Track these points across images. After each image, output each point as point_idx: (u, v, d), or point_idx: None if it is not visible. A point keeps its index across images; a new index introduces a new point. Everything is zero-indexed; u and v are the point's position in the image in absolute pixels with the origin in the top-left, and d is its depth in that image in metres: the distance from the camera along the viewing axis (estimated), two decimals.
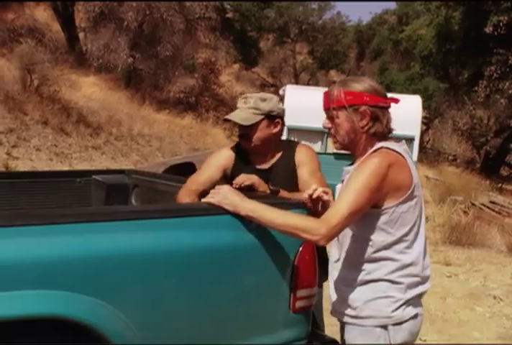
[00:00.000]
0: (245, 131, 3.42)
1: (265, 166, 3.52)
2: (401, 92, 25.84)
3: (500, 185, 22.07)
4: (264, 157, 3.53)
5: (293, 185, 3.44)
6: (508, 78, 21.57)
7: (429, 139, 33.43)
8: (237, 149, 3.59)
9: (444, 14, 24.48)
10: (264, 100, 3.41)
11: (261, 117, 3.38)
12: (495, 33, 20.47)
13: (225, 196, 2.65)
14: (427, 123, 31.75)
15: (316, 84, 37.60)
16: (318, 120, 11.42)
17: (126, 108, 19.75)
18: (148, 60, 22.53)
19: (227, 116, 3.44)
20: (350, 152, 2.69)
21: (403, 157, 2.61)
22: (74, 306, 2.20)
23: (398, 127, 10.51)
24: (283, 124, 3.52)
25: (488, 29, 20.56)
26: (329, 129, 2.65)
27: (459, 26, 23.85)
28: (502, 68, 21.52)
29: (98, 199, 4.31)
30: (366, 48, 43.09)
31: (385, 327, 2.50)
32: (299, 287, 2.84)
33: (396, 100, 2.71)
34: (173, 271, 2.52)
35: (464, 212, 13.83)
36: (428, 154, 29.91)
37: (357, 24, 44.46)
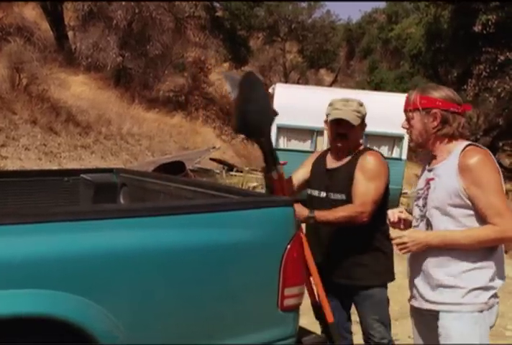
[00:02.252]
0: (345, 131, 3.60)
1: (334, 165, 3.72)
2: (391, 91, 25.90)
3: None
4: (339, 157, 3.73)
5: (349, 188, 3.59)
6: (497, 77, 21.65)
7: None
8: (326, 150, 3.90)
9: (433, 13, 24.53)
10: (361, 105, 3.65)
11: (360, 120, 3.61)
12: (484, 32, 20.54)
13: (413, 241, 2.86)
14: None
15: (306, 83, 37.61)
16: (307, 118, 11.49)
17: (115, 107, 19.70)
18: (137, 59, 22.46)
19: (338, 116, 3.57)
20: (425, 149, 3.02)
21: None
22: (61, 305, 2.19)
23: (388, 126, 10.61)
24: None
25: (477, 28, 20.62)
26: (407, 129, 3.00)
27: (448, 25, 23.91)
28: (491, 67, 21.60)
29: (86, 198, 4.29)
30: (356, 47, 43.12)
31: (480, 311, 2.80)
32: (287, 286, 2.84)
33: (468, 107, 3.00)
34: (161, 269, 2.52)
35: None
36: (418, 153, 29.93)
37: (346, 23, 44.46)
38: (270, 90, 13.86)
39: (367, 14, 44.58)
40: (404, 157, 12.93)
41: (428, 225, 2.90)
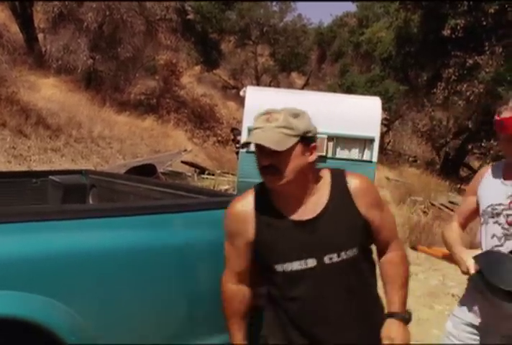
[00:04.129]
0: (272, 162, 2.36)
1: (309, 215, 2.44)
2: (362, 94, 26.01)
3: (459, 185, 22.37)
4: (299, 200, 2.46)
5: (360, 236, 2.51)
6: (466, 80, 21.89)
7: (390, 141, 33.76)
8: (257, 193, 2.54)
9: (403, 17, 24.73)
10: (296, 115, 2.44)
11: (295, 140, 2.38)
12: (453, 36, 20.77)
13: None
14: (387, 124, 32.05)
15: (278, 86, 37.66)
16: None
17: (86, 110, 19.54)
18: (108, 62, 22.32)
19: (251, 139, 2.39)
20: None
21: None
22: (26, 306, 2.17)
23: (359, 128, 10.68)
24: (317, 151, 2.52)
25: (446, 32, 20.84)
26: None
27: (417, 29, 24.12)
28: (460, 71, 21.83)
29: (54, 200, 4.26)
30: (327, 50, 43.29)
31: None
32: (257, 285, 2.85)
33: None
34: (126, 269, 2.51)
35: (424, 212, 14.01)
36: (389, 156, 30.18)
37: (318, 27, 44.68)
38: (241, 93, 13.87)
39: (338, 17, 44.79)
40: (375, 159, 13.00)
41: None
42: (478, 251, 2.87)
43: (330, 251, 2.41)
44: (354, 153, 13.03)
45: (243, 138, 12.87)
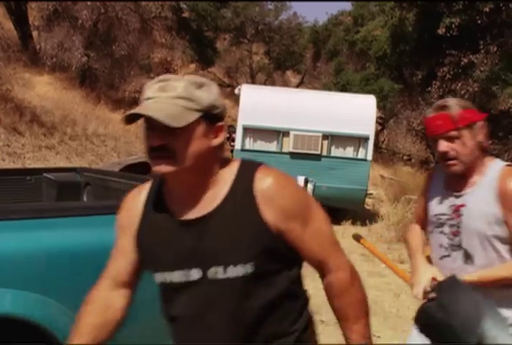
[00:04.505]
0: (165, 142, 1.78)
1: (196, 213, 1.86)
2: (357, 92, 26.02)
3: None
4: (193, 194, 1.88)
5: (256, 251, 1.83)
6: (461, 79, 21.90)
7: (384, 139, 33.78)
8: (154, 184, 2.01)
9: (398, 16, 24.72)
10: (201, 85, 1.85)
11: (197, 115, 1.80)
12: (448, 34, 20.77)
13: None
14: (382, 123, 32.07)
15: (273, 84, 37.67)
16: (273, 119, 11.51)
17: (80, 108, 19.51)
18: (103, 59, 22.27)
19: (139, 110, 1.78)
20: (464, 173, 2.71)
21: None
22: (21, 304, 2.16)
23: (354, 127, 10.70)
24: (225, 133, 1.95)
25: (441, 31, 20.84)
26: (446, 152, 2.66)
27: (412, 27, 24.13)
28: (454, 69, 21.84)
29: (49, 197, 4.25)
30: (322, 49, 43.27)
31: None
32: None
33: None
34: None
35: None
36: (384, 154, 30.21)
37: (313, 25, 44.63)
38: (236, 91, 13.88)
39: (334, 16, 44.80)
40: (369, 157, 13.02)
41: (468, 257, 2.69)
42: (436, 270, 2.69)
43: (216, 263, 1.82)
44: (349, 151, 13.05)
45: (238, 136, 12.88)
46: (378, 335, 5.96)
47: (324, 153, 12.92)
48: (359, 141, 12.95)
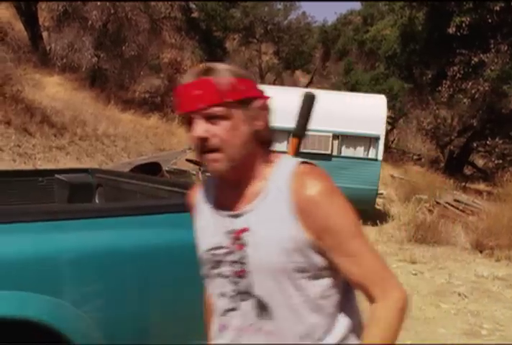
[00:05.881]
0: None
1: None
2: (366, 92, 25.97)
3: (463, 183, 22.33)
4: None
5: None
6: (471, 78, 21.83)
7: (394, 139, 33.71)
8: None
9: (408, 15, 24.66)
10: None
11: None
12: (458, 34, 20.70)
13: None
14: (392, 123, 32.00)
15: (282, 84, 37.64)
16: (283, 119, 11.49)
17: (90, 108, 19.56)
18: (113, 60, 22.33)
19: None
20: (238, 178, 1.76)
21: None
22: (34, 307, 2.15)
23: (364, 127, 10.66)
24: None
25: (451, 30, 20.78)
26: (205, 140, 1.68)
27: (422, 26, 24.06)
28: (465, 68, 21.77)
29: (61, 199, 4.24)
30: (331, 48, 43.23)
31: None
32: None
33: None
34: (136, 270, 2.49)
35: (429, 210, 13.97)
36: (394, 154, 30.14)
37: (322, 25, 44.60)
38: None
39: (343, 15, 44.77)
40: (380, 157, 12.97)
41: (262, 308, 1.75)
42: None
43: None
44: (360, 151, 13.01)
45: None
46: None
47: (335, 153, 12.88)
48: (370, 141, 12.91)
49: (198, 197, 1.91)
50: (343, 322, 1.79)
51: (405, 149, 33.16)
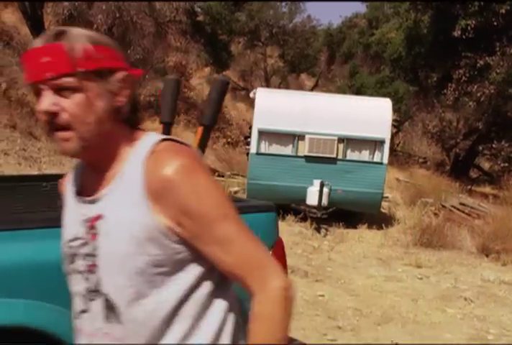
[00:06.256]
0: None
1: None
2: (372, 95, 25.96)
3: (469, 186, 22.28)
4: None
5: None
6: (477, 81, 21.77)
7: (400, 142, 33.66)
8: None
9: (413, 18, 24.62)
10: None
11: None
12: (463, 37, 20.66)
13: None
14: (397, 125, 31.96)
15: (287, 87, 37.64)
16: (288, 123, 11.52)
17: None
18: None
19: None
20: (95, 160, 1.58)
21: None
22: (37, 315, 2.13)
23: (369, 130, 10.71)
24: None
25: (456, 33, 20.74)
26: (53, 115, 1.47)
27: (427, 29, 24.01)
28: (470, 71, 21.72)
29: None
30: (336, 51, 43.19)
31: None
32: None
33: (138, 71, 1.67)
34: None
35: (435, 214, 13.94)
36: (399, 157, 30.08)
37: (327, 28, 44.55)
38: (251, 94, 13.83)
39: (348, 18, 44.72)
40: (385, 161, 12.94)
41: (110, 308, 1.52)
42: None
43: None
44: (365, 155, 12.98)
45: (253, 140, 12.85)
46: (396, 341, 5.91)
47: (340, 156, 12.85)
48: (375, 144, 12.88)
49: (67, 185, 1.70)
50: (213, 323, 1.55)
51: (411, 152, 33.11)
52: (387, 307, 7.25)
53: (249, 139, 13.60)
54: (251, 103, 16.95)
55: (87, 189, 1.60)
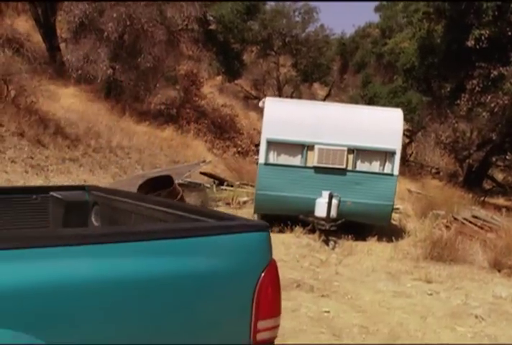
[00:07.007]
0: None
1: None
2: (384, 105, 25.78)
3: (482, 198, 21.98)
4: None
5: None
6: (490, 92, 21.54)
7: (412, 152, 33.39)
8: None
9: (427, 28, 24.47)
10: None
11: None
12: (477, 46, 20.47)
13: None
14: (410, 136, 31.72)
15: (300, 97, 37.55)
16: (297, 133, 11.31)
17: (105, 120, 19.49)
18: (128, 71, 22.26)
19: None
20: None
21: None
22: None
23: (380, 141, 10.43)
24: None
25: (470, 43, 20.55)
26: None
27: (441, 39, 23.84)
28: (484, 82, 21.50)
29: (56, 217, 4.05)
30: (349, 61, 43.11)
31: None
32: (261, 318, 2.61)
33: None
34: (125, 301, 2.31)
35: (446, 226, 13.67)
36: (411, 167, 29.83)
37: (340, 37, 44.48)
38: (260, 104, 13.67)
39: (361, 28, 44.66)
40: (396, 172, 12.70)
41: None
42: None
43: None
44: (375, 166, 12.74)
45: (261, 150, 12.67)
46: None
47: (349, 167, 12.62)
48: (386, 155, 12.64)
49: None
50: None
51: (424, 162, 32.82)
52: (395, 324, 7.02)
53: (258, 148, 13.43)
54: (262, 112, 16.81)
55: None
